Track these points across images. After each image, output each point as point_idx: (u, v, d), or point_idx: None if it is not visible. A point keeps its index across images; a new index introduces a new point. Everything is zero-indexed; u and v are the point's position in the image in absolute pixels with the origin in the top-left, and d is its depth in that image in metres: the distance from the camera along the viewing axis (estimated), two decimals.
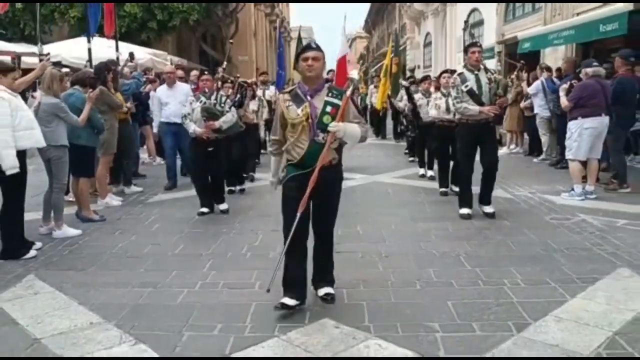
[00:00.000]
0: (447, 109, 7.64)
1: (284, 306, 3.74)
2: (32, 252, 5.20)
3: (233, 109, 7.03)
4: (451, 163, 7.76)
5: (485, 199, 6.51)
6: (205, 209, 6.82)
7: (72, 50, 15.02)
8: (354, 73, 3.92)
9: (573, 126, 7.21)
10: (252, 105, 9.01)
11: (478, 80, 6.27)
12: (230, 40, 8.40)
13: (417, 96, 9.31)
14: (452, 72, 7.96)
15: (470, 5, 20.71)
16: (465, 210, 6.45)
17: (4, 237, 5.17)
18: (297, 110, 3.74)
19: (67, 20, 22.82)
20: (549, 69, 10.52)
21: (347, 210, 6.05)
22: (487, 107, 6.19)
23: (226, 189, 7.67)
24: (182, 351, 3.34)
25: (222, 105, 6.85)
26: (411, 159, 11.23)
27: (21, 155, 5.09)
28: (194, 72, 11.55)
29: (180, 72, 10.55)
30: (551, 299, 3.98)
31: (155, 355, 3.29)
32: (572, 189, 7.22)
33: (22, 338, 3.53)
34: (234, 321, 3.72)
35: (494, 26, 18.04)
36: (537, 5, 14.62)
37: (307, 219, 3.82)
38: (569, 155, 7.33)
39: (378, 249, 5.33)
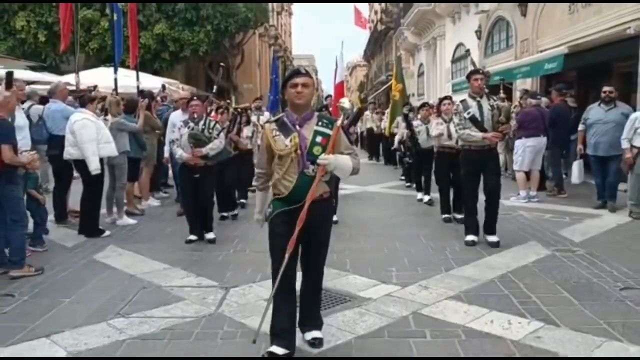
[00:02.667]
0: (449, 135, 7.75)
1: (271, 355, 3.48)
2: (107, 232, 7.08)
3: (222, 135, 6.88)
4: (451, 189, 7.94)
5: (489, 227, 6.44)
6: (193, 237, 6.65)
7: (97, 79, 16.97)
8: (344, 102, 4.06)
9: (518, 144, 9.15)
10: (247, 131, 8.90)
11: (480, 107, 6.23)
12: (222, 64, 9.15)
13: (416, 123, 9.33)
14: (451, 98, 8.42)
15: (456, 41, 22.80)
16: (470, 238, 6.37)
17: (88, 220, 7.04)
18: (285, 141, 3.46)
19: (86, 51, 24.57)
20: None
21: (340, 209, 7.88)
22: (489, 134, 6.16)
23: (219, 215, 7.88)
24: (229, 280, 5.16)
25: (211, 131, 6.65)
26: (408, 184, 11.45)
27: (101, 161, 7.00)
28: (183, 93, 11.58)
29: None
30: (476, 258, 5.83)
31: (214, 283, 5.10)
32: (518, 194, 9.10)
33: (121, 276, 5.37)
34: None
35: (477, 59, 20.09)
36: (510, 42, 16.67)
37: (296, 257, 3.59)
38: (515, 167, 9.24)
39: (361, 232, 7.20)
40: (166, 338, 3.89)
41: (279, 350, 3.49)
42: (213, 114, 8.27)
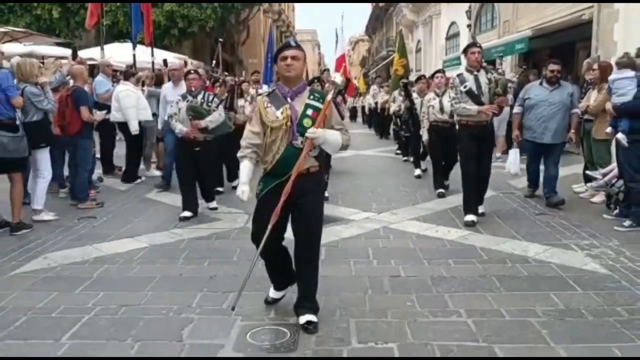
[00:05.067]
0: (441, 109, 7.73)
1: (273, 300, 3.89)
2: (142, 178, 8.85)
3: (221, 107, 6.77)
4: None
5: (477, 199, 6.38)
6: (187, 213, 6.46)
7: (112, 54, 18.47)
8: (336, 76, 4.48)
9: None
10: (241, 102, 8.83)
11: (477, 81, 6.09)
12: (220, 39, 9.45)
13: (429, 96, 8.62)
14: (444, 72, 8.43)
15: (450, 20, 24.31)
16: (470, 217, 6.15)
17: (129, 170, 8.79)
18: (277, 113, 3.46)
19: (99, 27, 25.92)
20: None
21: (335, 168, 9.63)
22: (485, 107, 6.01)
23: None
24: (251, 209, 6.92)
25: (210, 104, 6.57)
26: (405, 158, 11.37)
27: (139, 124, 8.74)
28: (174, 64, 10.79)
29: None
30: (438, 198, 7.57)
31: (240, 211, 6.84)
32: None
33: (170, 207, 7.13)
34: None
35: (466, 38, 21.62)
36: (495, 23, 18.24)
37: (281, 233, 3.65)
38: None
39: (352, 182, 8.99)
40: (212, 239, 5.67)
41: (277, 295, 3.93)
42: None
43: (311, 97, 3.55)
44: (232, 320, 3.67)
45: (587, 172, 7.22)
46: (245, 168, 3.59)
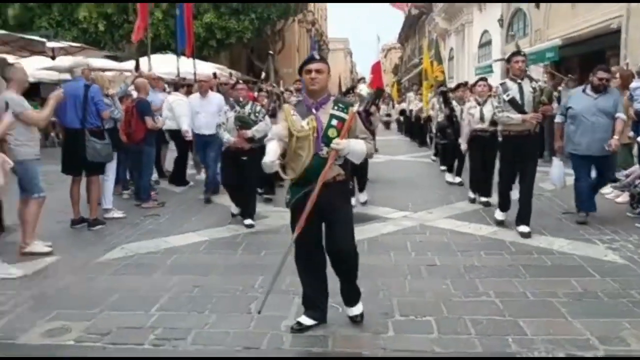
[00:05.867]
0: (481, 118, 7.66)
1: (299, 326, 3.74)
2: (192, 183, 9.56)
3: (267, 118, 6.89)
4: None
5: (521, 217, 6.18)
6: (236, 210, 6.99)
7: (156, 66, 19.39)
8: (362, 89, 5.22)
9: None
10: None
11: (521, 90, 6.00)
12: (270, 52, 9.78)
13: (469, 104, 8.41)
14: (486, 80, 8.37)
15: (482, 28, 24.67)
16: (499, 215, 6.53)
17: (178, 173, 9.52)
18: (302, 122, 3.55)
19: (143, 40, 27.03)
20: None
21: (371, 172, 10.20)
22: (529, 115, 5.92)
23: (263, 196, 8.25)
24: None
25: (257, 114, 6.73)
26: (443, 168, 10.82)
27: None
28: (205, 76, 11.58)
29: (214, 82, 11.16)
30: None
31: (284, 209, 7.48)
32: None
33: (222, 207, 7.79)
34: None
35: (499, 46, 22.00)
36: (526, 31, 18.58)
37: (316, 241, 3.72)
38: None
39: (388, 185, 9.56)
40: (265, 233, 6.33)
41: (307, 321, 3.76)
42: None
43: (335, 107, 3.62)
44: (291, 299, 4.27)
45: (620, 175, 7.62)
46: (274, 145, 3.58)
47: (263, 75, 8.99)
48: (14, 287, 4.66)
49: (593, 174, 6.76)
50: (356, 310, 3.87)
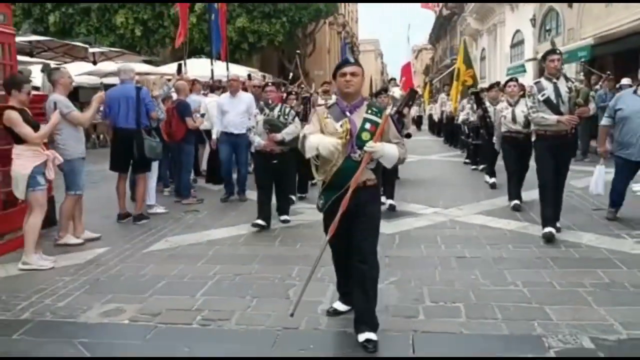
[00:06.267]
0: (513, 119, 7.53)
1: (335, 311, 3.96)
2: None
3: (297, 120, 6.81)
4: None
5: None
6: (260, 221, 6.51)
7: (190, 69, 19.77)
8: (395, 91, 4.69)
9: None
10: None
11: (557, 89, 5.85)
12: (298, 51, 9.67)
13: (501, 106, 8.37)
14: (517, 80, 8.25)
15: (515, 27, 24.57)
16: (548, 229, 5.83)
17: (214, 173, 9.82)
18: (336, 125, 3.57)
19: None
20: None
21: (403, 171, 10.40)
22: (565, 117, 5.75)
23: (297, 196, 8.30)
24: None
25: (286, 117, 6.67)
26: (474, 167, 11.18)
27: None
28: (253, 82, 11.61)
29: (249, 83, 11.45)
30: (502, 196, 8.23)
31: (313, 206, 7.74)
32: None
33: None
34: None
35: (532, 45, 21.92)
36: (559, 30, 18.51)
37: (348, 244, 3.70)
38: None
39: (419, 184, 9.74)
40: (300, 227, 6.62)
41: (342, 307, 3.99)
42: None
43: (369, 111, 3.63)
44: (326, 286, 4.52)
45: None
46: (315, 136, 3.60)
47: (291, 75, 8.83)
48: (69, 274, 5.04)
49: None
50: (371, 335, 3.54)
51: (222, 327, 3.86)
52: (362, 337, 3.54)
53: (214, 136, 8.60)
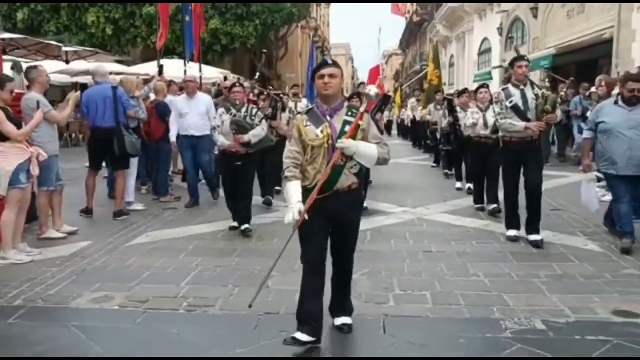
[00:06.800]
0: (485, 124, 7.52)
1: (295, 341, 3.48)
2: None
3: (264, 122, 6.70)
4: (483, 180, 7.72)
5: (531, 226, 6.04)
6: (236, 223, 6.62)
7: (166, 69, 19.85)
8: (371, 89, 5.00)
9: None
10: (284, 116, 8.71)
11: (524, 96, 5.88)
12: (263, 50, 9.75)
13: (471, 110, 8.33)
14: (487, 86, 8.29)
15: (482, 35, 25.33)
16: (512, 232, 6.11)
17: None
18: (316, 131, 3.49)
19: (148, 44, 27.54)
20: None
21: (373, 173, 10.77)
22: (533, 123, 5.79)
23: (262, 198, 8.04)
24: None
25: (253, 117, 6.51)
26: (446, 171, 11.17)
27: None
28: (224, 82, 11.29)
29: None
30: (466, 197, 8.66)
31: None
32: None
33: None
34: None
35: (498, 53, 22.65)
36: (525, 39, 19.24)
37: (324, 246, 3.61)
38: None
39: (389, 185, 10.15)
40: (275, 224, 6.89)
41: (303, 337, 3.49)
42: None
43: (349, 113, 3.57)
44: None
45: (596, 174, 8.18)
46: (295, 187, 3.50)
47: (257, 75, 8.88)
48: (55, 265, 5.26)
49: None
50: (346, 319, 3.82)
51: (207, 312, 4.15)
52: (338, 320, 3.80)
53: (172, 138, 8.24)
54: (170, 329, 3.84)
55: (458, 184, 9.60)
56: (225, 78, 16.57)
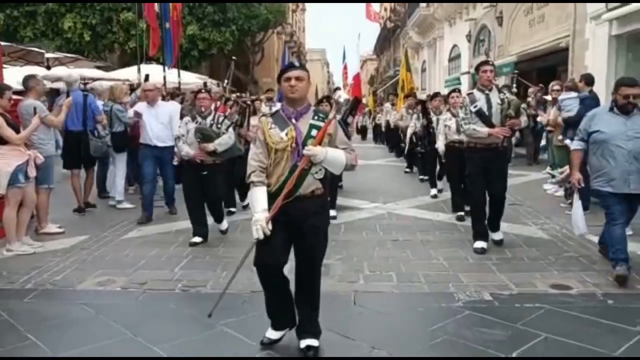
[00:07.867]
0: (458, 130, 7.14)
1: (269, 341, 3.61)
2: None
3: (231, 130, 6.42)
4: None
5: (492, 225, 6.11)
6: (197, 239, 6.23)
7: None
8: (341, 95, 5.33)
9: None
10: (253, 121, 7.92)
11: (489, 101, 5.80)
12: (233, 57, 9.97)
13: (445, 116, 8.27)
14: (460, 91, 8.21)
15: (452, 42, 26.25)
16: (479, 244, 5.87)
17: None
18: (281, 134, 3.39)
19: (125, 49, 27.85)
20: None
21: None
22: (496, 129, 5.71)
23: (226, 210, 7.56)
24: None
25: (219, 125, 6.26)
26: (421, 177, 11.10)
27: None
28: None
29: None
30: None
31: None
32: None
33: None
34: None
35: (467, 59, 23.55)
36: (491, 46, 20.13)
37: (282, 251, 3.47)
38: None
39: (362, 186, 10.79)
40: None
41: (274, 335, 3.63)
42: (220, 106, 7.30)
43: (315, 117, 3.48)
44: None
45: (549, 171, 8.97)
46: (261, 194, 3.41)
47: (225, 82, 8.40)
48: (58, 255, 5.79)
49: None
50: (311, 342, 3.56)
51: (199, 292, 4.73)
52: (303, 343, 3.56)
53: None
54: (168, 304, 4.42)
55: (433, 191, 9.27)
56: (205, 84, 16.95)
